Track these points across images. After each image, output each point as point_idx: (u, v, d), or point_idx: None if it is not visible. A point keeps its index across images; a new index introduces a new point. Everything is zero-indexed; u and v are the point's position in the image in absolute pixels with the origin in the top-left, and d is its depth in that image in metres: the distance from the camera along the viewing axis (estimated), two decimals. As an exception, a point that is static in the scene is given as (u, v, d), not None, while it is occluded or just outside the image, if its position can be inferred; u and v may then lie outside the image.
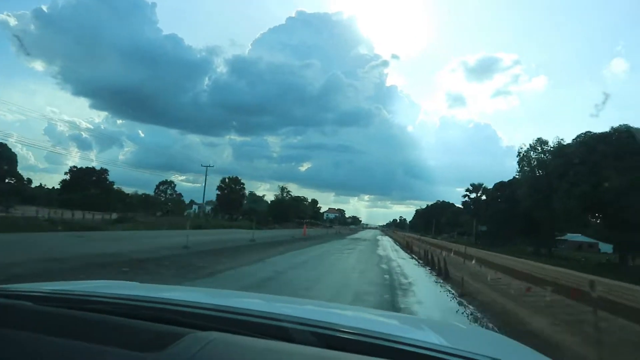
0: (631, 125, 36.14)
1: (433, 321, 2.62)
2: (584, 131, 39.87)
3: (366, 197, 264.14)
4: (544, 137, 53.30)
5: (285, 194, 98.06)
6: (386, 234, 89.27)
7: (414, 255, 23.19)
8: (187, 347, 0.85)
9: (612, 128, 38.64)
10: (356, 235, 59.93)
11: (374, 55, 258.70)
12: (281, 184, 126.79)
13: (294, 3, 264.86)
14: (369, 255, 22.25)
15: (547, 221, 47.69)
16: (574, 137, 42.52)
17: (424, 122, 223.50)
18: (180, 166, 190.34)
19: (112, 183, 67.82)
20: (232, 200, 69.16)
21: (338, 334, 1.08)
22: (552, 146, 50.96)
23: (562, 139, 50.25)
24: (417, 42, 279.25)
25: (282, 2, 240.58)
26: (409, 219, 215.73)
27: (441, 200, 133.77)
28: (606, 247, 75.76)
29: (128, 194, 70.11)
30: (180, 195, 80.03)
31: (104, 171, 64.95)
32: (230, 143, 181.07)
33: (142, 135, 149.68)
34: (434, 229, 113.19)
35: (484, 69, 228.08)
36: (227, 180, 70.89)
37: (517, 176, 55.70)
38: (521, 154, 54.38)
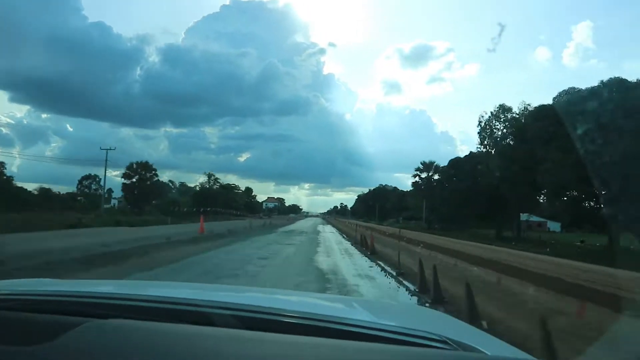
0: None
1: (364, 300, 2.53)
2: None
3: (306, 185, 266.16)
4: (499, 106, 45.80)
5: (212, 182, 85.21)
6: (328, 222, 79.93)
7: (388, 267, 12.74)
8: (82, 335, 0.82)
9: (601, 82, 31.38)
10: (292, 227, 49.08)
11: (310, 44, 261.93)
12: (220, 175, 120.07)
13: None
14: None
15: (515, 199, 40.37)
16: (553, 97, 34.99)
17: (361, 109, 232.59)
18: (114, 160, 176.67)
19: (11, 178, 55.15)
20: (142, 190, 55.32)
21: (262, 316, 1.05)
22: (517, 112, 43.70)
23: (528, 104, 43.14)
24: (353, 30, 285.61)
25: None
26: (350, 205, 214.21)
27: (384, 185, 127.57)
28: (554, 226, 72.45)
29: (30, 190, 55.40)
30: (110, 190, 72.26)
31: (-1, 164, 49.27)
32: (166, 135, 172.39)
33: (71, 129, 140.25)
34: (378, 215, 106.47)
35: (418, 56, 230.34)
36: (134, 166, 56.66)
37: (479, 149, 47.97)
38: (482, 124, 46.78)
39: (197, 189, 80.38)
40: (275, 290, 2.65)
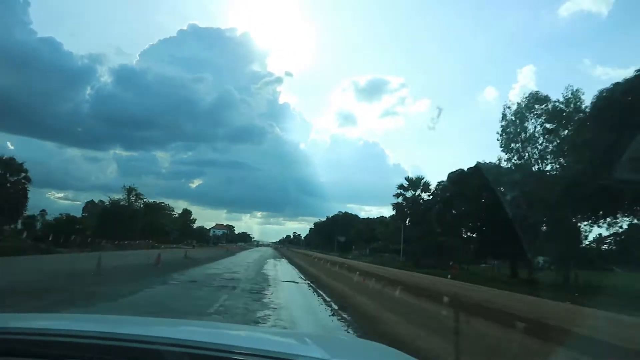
0: None
1: (317, 335, 2.49)
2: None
3: (259, 214, 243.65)
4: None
5: (135, 199, 66.05)
6: (282, 254, 63.28)
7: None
8: None
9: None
10: (226, 262, 31.98)
11: (267, 73, 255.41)
12: (170, 201, 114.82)
13: (186, 16, 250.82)
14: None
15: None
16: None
17: (315, 139, 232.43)
18: (59, 182, 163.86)
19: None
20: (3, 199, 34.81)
21: (214, 354, 1.06)
22: (560, 101, 30.26)
23: (578, 89, 29.91)
24: (310, 61, 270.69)
25: (174, 15, 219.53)
26: (303, 234, 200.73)
27: (342, 212, 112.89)
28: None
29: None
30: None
31: None
32: (115, 158, 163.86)
33: (11, 147, 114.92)
34: (337, 246, 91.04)
35: (373, 89, 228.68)
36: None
37: (503, 154, 33.74)
38: (506, 118, 32.97)
39: (107, 205, 60.48)
40: (226, 325, 3.13)
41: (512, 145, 32.41)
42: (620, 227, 28.40)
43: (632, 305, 11.73)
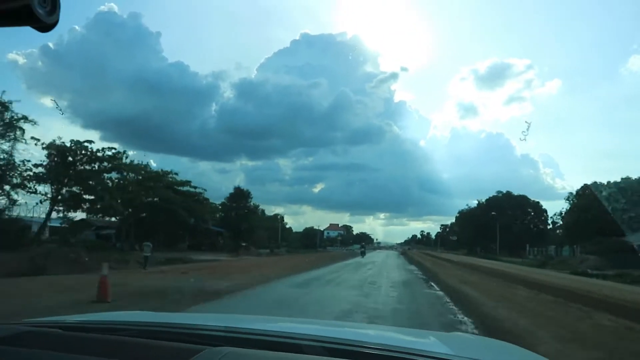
0: None
1: (441, 334, 2.46)
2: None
3: (381, 215, 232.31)
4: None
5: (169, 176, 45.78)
6: (415, 263, 39.77)
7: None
8: (207, 358, 0.96)
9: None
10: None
11: (380, 72, 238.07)
12: (295, 206, 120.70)
13: (298, 26, 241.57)
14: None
15: None
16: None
17: (435, 135, 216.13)
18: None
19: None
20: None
21: (348, 348, 1.21)
22: None
23: None
24: (423, 54, 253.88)
25: (286, 26, 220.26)
26: (432, 233, 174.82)
27: (503, 193, 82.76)
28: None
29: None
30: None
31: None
32: (242, 168, 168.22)
33: (154, 164, 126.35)
34: (499, 245, 64.12)
35: (495, 76, 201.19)
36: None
37: None
38: None
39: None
40: (360, 325, 3.96)
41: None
42: None
43: None
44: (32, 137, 27.89)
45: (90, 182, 33.15)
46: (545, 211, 79.20)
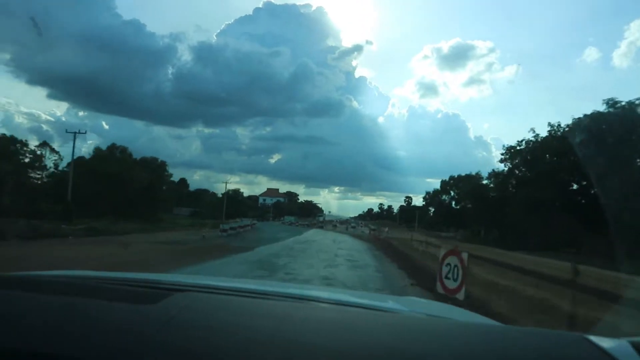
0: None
1: (395, 297, 2.58)
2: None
3: (336, 189, 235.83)
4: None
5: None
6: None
7: None
8: (176, 301, 1.01)
9: None
10: None
11: (342, 46, 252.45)
12: (251, 176, 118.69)
13: None
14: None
15: None
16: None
17: (393, 112, 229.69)
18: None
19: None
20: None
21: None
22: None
23: None
24: (387, 30, 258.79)
25: None
26: (393, 207, 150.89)
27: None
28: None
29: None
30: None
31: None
32: (198, 135, 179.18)
33: (106, 127, 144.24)
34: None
35: (457, 56, 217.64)
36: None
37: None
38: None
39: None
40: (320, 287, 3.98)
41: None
42: None
43: None
44: None
45: None
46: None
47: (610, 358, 0.73)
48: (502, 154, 45.20)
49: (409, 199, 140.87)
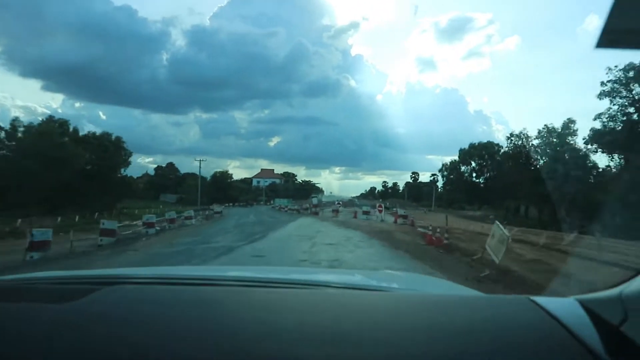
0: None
1: (370, 271, 2.74)
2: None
3: (337, 169, 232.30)
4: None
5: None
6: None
7: None
8: (103, 296, 0.98)
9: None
10: None
11: (338, 25, 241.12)
12: (250, 160, 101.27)
13: None
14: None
15: None
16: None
17: (391, 90, 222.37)
18: (146, 148, 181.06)
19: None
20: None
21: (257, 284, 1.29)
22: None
23: None
24: (384, 6, 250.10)
25: None
26: (399, 185, 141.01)
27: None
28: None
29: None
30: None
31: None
32: (196, 120, 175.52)
33: (104, 117, 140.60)
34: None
35: (455, 29, 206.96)
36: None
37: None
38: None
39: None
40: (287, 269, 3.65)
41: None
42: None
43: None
44: None
45: None
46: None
47: (553, 318, 0.77)
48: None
49: (415, 175, 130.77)
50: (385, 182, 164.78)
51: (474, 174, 59.87)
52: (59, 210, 31.00)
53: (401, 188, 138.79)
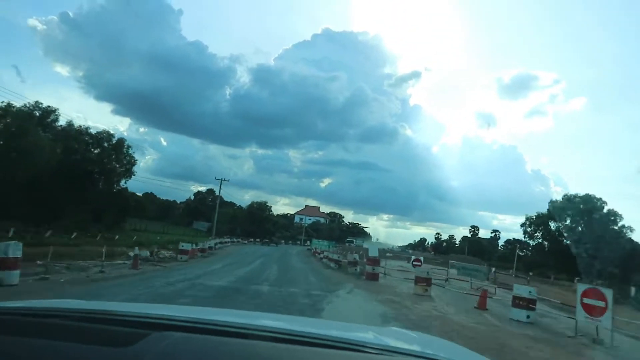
0: None
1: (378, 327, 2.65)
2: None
3: (385, 216, 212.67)
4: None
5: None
6: None
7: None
8: (154, 342, 0.99)
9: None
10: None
11: (399, 74, 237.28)
12: (300, 199, 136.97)
13: (320, 21, 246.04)
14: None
15: None
16: None
17: (447, 142, 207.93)
18: (200, 176, 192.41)
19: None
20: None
21: (294, 338, 1.23)
22: None
23: None
24: (446, 58, 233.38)
25: (308, 19, 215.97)
26: (455, 237, 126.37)
27: None
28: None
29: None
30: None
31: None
32: (251, 155, 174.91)
33: (164, 143, 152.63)
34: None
35: (518, 87, 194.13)
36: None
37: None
38: None
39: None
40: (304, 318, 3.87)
41: None
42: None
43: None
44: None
45: None
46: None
47: None
48: None
49: (474, 229, 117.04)
50: (438, 233, 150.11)
51: (565, 234, 47.27)
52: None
53: (457, 241, 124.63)
